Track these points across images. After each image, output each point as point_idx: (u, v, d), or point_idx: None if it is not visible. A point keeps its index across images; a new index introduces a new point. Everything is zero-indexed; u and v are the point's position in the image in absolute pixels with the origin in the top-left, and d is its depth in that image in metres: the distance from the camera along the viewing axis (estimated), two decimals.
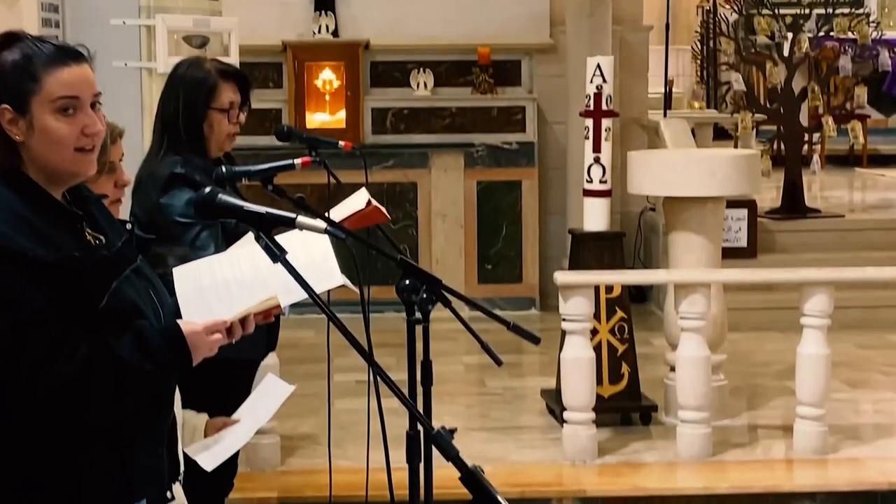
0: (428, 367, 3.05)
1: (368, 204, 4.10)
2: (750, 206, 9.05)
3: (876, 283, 7.94)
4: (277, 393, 3.44)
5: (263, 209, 2.55)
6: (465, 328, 2.98)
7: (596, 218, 6.53)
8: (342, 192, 4.26)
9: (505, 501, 2.17)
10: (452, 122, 9.57)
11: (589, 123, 6.51)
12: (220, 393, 3.65)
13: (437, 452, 2.33)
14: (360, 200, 4.12)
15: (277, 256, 2.47)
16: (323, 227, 2.56)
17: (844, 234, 9.47)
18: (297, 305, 2.74)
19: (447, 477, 2.49)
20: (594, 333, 6.32)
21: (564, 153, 9.53)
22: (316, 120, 9.57)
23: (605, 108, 6.49)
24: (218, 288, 2.72)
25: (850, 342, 8.05)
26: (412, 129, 9.54)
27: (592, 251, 6.51)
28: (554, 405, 6.52)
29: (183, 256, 3.45)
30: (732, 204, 8.46)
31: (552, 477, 5.94)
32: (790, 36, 9.71)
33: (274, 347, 4.55)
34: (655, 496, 5.82)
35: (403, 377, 2.97)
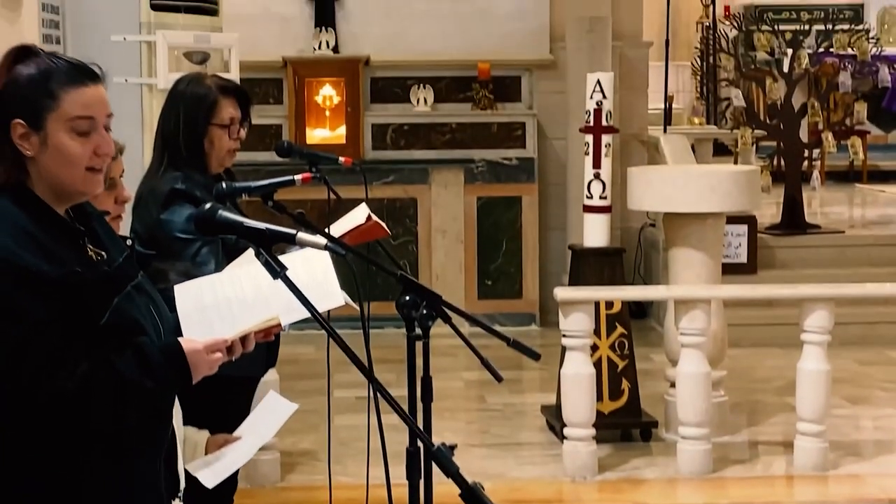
0: (428, 383, 3.05)
1: (369, 219, 4.10)
2: (750, 221, 9.06)
3: (876, 299, 7.94)
4: (280, 411, 3.43)
5: (264, 225, 2.55)
6: (465, 344, 2.97)
7: (596, 234, 6.53)
8: (342, 207, 4.25)
9: None
10: (452, 137, 9.58)
11: (589, 139, 6.53)
12: (220, 409, 3.64)
13: (437, 469, 2.32)
14: (360, 215, 4.12)
15: (278, 272, 2.47)
16: (323, 243, 2.56)
17: (844, 250, 9.47)
18: (297, 321, 2.74)
19: (447, 493, 2.47)
20: (594, 349, 6.32)
21: (564, 169, 9.54)
22: (316, 136, 9.58)
23: (605, 124, 6.50)
24: (220, 306, 2.71)
25: (850, 358, 8.04)
26: (412, 144, 9.55)
27: (592, 267, 6.51)
28: (554, 421, 6.52)
29: (185, 272, 3.45)
30: (732, 220, 8.46)
31: (552, 493, 5.93)
32: (790, 52, 9.72)
33: (274, 364, 4.54)
34: None
35: (403, 393, 2.97)
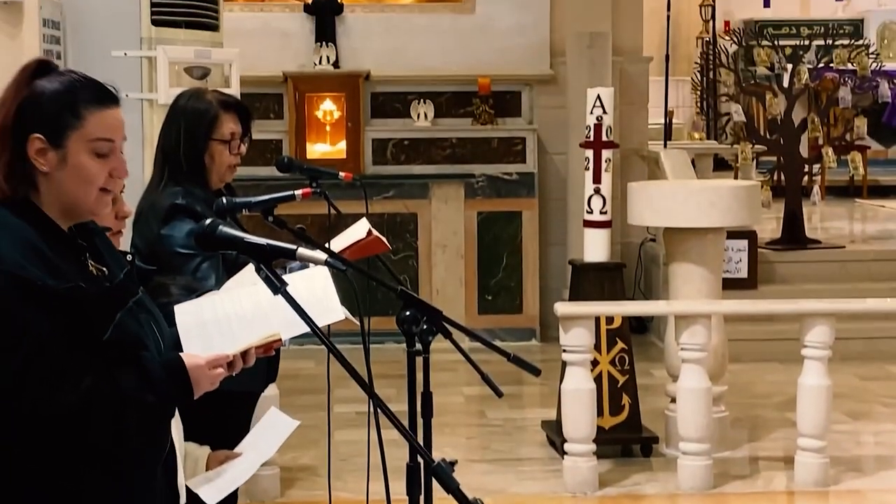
0: (428, 398, 3.04)
1: (369, 234, 4.10)
2: (750, 236, 9.06)
3: (877, 314, 7.93)
4: (281, 427, 3.42)
5: (264, 241, 2.54)
6: (465, 359, 2.97)
7: (596, 249, 6.53)
8: (343, 222, 4.26)
9: None
10: (453, 152, 9.58)
11: (589, 154, 6.53)
12: (220, 425, 3.63)
13: (437, 485, 2.32)
14: (360, 230, 4.12)
15: (278, 288, 2.47)
16: (323, 258, 2.56)
17: (845, 265, 9.47)
18: (297, 336, 2.74)
19: None
20: (595, 364, 6.31)
21: (565, 184, 9.54)
22: (316, 150, 9.59)
23: (605, 139, 6.50)
24: (219, 322, 2.71)
25: (850, 373, 8.04)
26: (412, 159, 9.56)
27: (593, 282, 6.51)
28: (554, 437, 6.51)
29: (186, 286, 3.45)
30: (733, 235, 8.46)
31: None
32: (790, 67, 9.73)
33: (274, 379, 4.54)
34: None
35: (404, 408, 2.96)
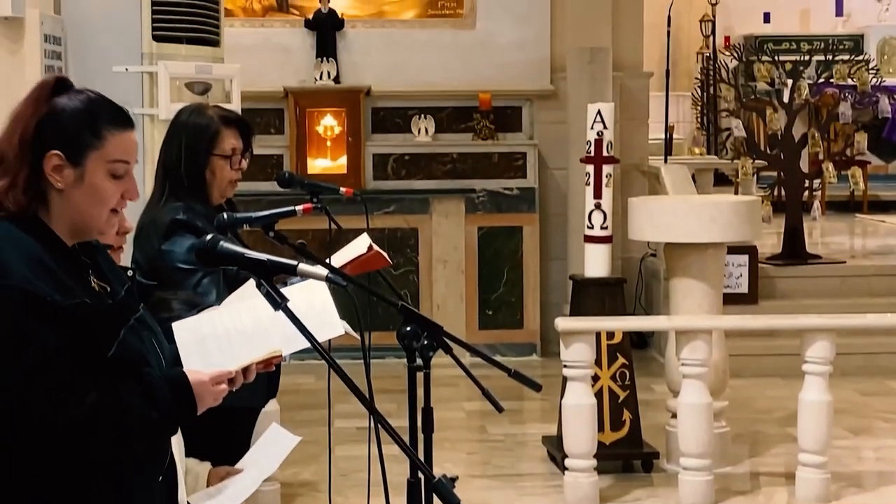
0: (429, 413, 3.04)
1: (370, 249, 4.10)
2: (751, 252, 9.05)
3: (877, 329, 7.92)
4: (282, 444, 3.42)
5: (265, 256, 2.55)
6: (465, 374, 2.97)
7: (597, 264, 6.53)
8: (343, 237, 4.26)
9: None
10: (453, 167, 9.59)
11: (590, 169, 6.53)
12: (221, 441, 3.63)
13: (438, 500, 2.32)
14: (361, 245, 4.12)
15: (279, 304, 2.47)
16: (324, 273, 2.56)
17: (845, 280, 9.47)
18: (297, 351, 2.74)
19: None
20: (595, 380, 6.31)
21: (565, 199, 9.55)
22: (317, 166, 9.59)
23: (605, 154, 6.51)
24: (219, 338, 2.71)
25: (851, 389, 8.03)
26: (413, 174, 9.56)
27: (593, 297, 6.51)
28: (555, 452, 6.50)
29: (187, 300, 3.46)
30: (733, 250, 8.46)
31: None
32: (790, 82, 9.73)
33: (274, 395, 4.52)
34: None
35: (404, 424, 2.96)
